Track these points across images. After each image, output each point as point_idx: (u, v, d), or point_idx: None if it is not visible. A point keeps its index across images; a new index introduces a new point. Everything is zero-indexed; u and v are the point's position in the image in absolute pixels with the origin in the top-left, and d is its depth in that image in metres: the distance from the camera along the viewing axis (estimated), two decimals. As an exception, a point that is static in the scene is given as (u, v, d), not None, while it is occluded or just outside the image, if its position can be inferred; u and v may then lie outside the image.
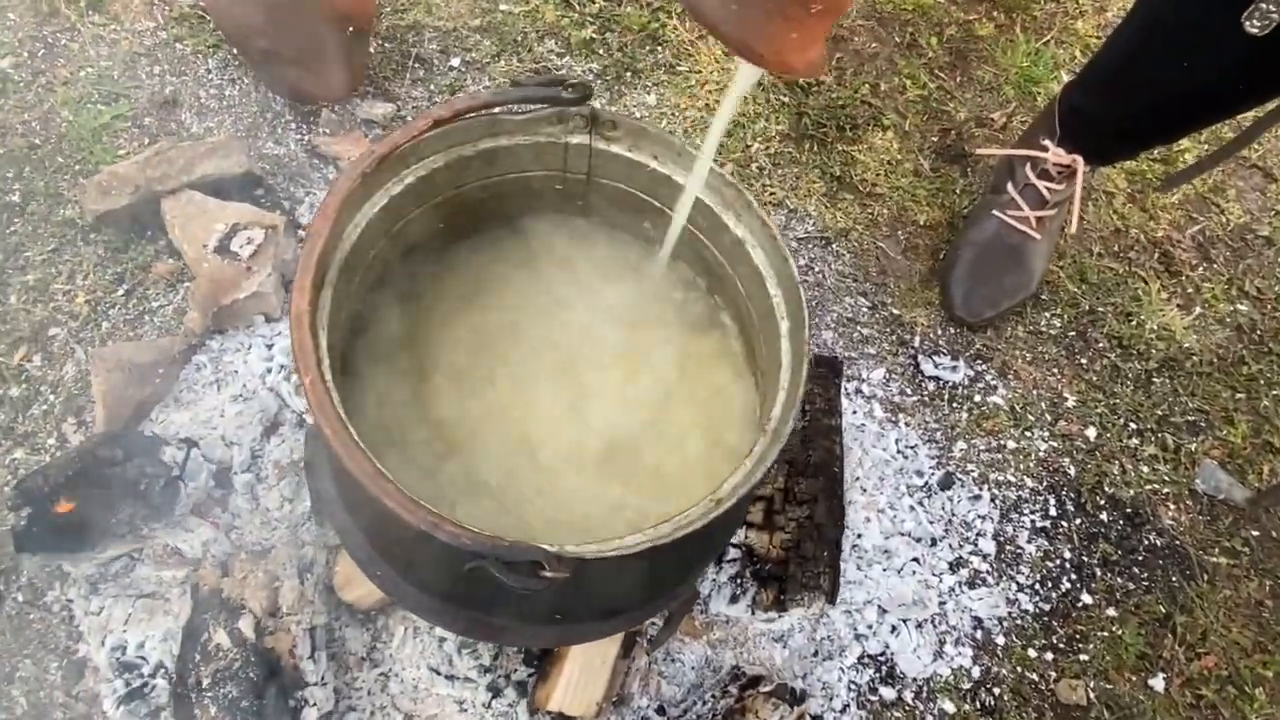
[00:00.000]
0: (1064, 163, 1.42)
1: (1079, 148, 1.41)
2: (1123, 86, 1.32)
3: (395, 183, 0.79)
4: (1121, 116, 1.34)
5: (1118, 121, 1.35)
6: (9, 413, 1.18)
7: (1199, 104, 1.23)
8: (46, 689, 1.04)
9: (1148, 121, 1.32)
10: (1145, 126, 1.34)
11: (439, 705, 1.05)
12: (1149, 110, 1.29)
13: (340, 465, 0.67)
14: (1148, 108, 1.29)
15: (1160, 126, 1.33)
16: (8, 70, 1.41)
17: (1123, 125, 1.35)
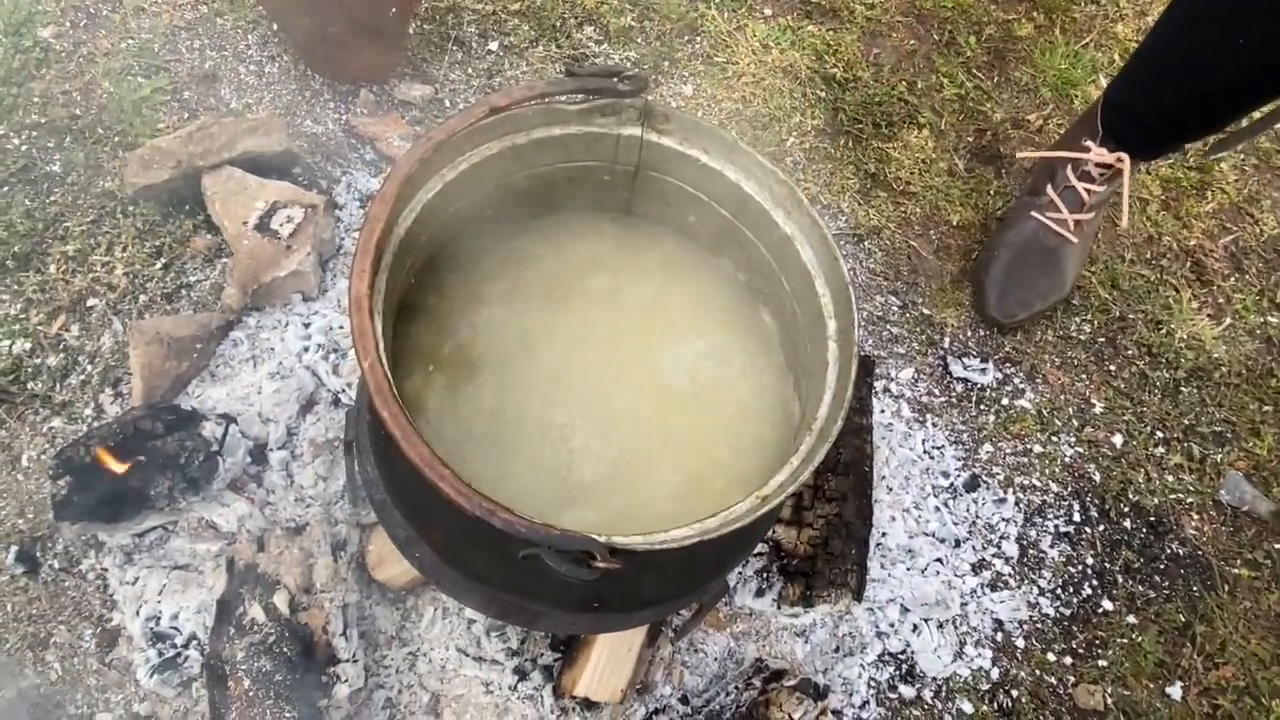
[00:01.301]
0: (1107, 162, 1.41)
1: (1124, 145, 1.40)
2: (1168, 76, 1.30)
3: (450, 169, 0.80)
4: (1168, 107, 1.32)
5: (1164, 113, 1.33)
6: (46, 381, 1.19)
7: (1246, 88, 1.20)
8: (80, 656, 1.06)
9: (1194, 110, 1.30)
10: (1192, 116, 1.31)
11: (465, 686, 1.06)
12: (1195, 99, 1.27)
13: (393, 448, 0.67)
14: (1194, 96, 1.27)
15: (1207, 114, 1.30)
16: (49, 40, 1.41)
17: (1170, 116, 1.33)
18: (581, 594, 0.80)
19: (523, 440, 0.87)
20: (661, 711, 1.09)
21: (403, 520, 0.86)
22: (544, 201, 0.92)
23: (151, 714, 1.03)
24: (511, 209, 0.89)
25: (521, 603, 0.82)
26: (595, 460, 0.85)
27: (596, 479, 0.87)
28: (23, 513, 1.11)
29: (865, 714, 1.18)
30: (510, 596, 0.82)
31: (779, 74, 1.64)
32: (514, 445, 0.87)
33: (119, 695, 1.04)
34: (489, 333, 0.90)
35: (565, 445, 0.88)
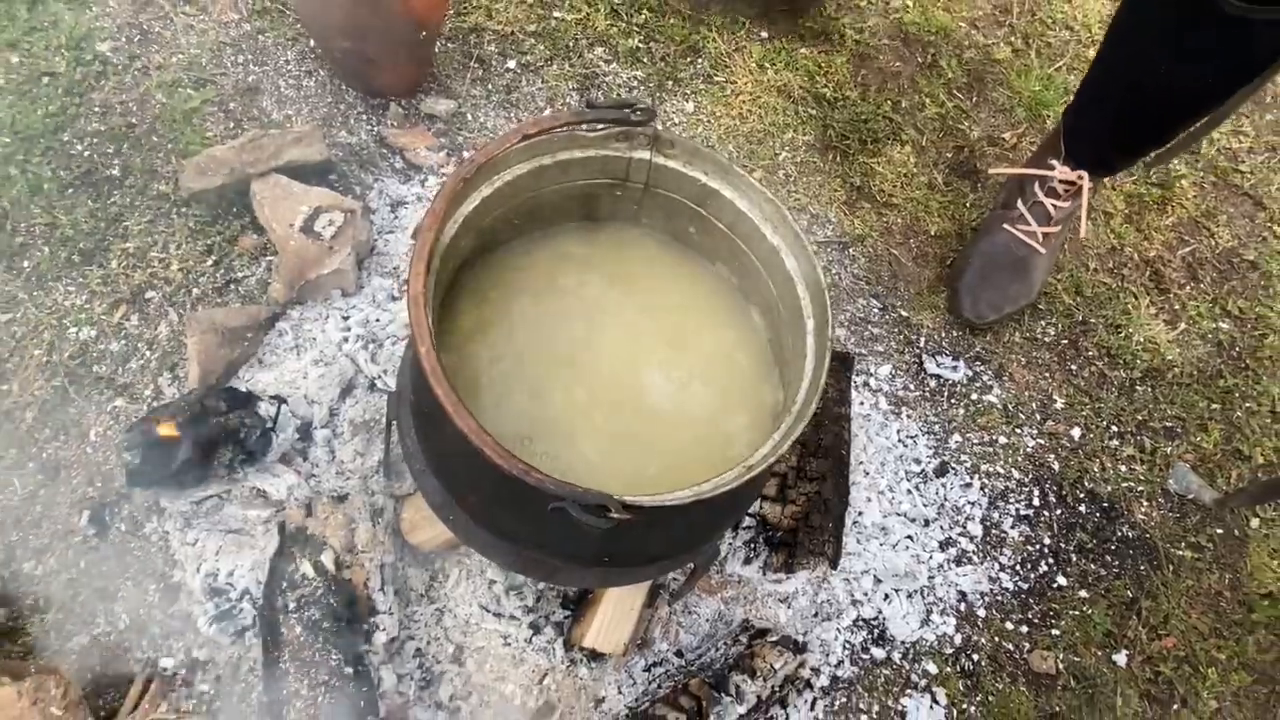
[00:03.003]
0: (1070, 179, 1.56)
1: (1083, 164, 1.54)
2: (1109, 101, 1.45)
3: (487, 186, 0.93)
4: (1116, 125, 1.47)
5: (1111, 134, 1.48)
6: (110, 366, 1.33)
7: (1185, 98, 1.33)
8: (145, 608, 1.19)
9: (1141, 125, 1.44)
10: (1135, 136, 1.46)
11: (486, 639, 1.20)
12: (1140, 113, 1.42)
13: (441, 422, 0.81)
14: (1138, 111, 1.41)
15: (1148, 134, 1.43)
16: (107, 54, 1.54)
17: (1116, 137, 1.48)
18: (594, 550, 0.94)
19: (544, 414, 1.00)
20: (659, 664, 1.23)
21: (439, 487, 0.99)
22: (565, 212, 1.05)
23: (210, 659, 1.17)
24: (537, 218, 1.03)
25: (543, 558, 0.96)
26: (605, 432, 0.99)
27: (608, 448, 1.00)
28: (92, 481, 1.25)
29: (840, 672, 1.32)
30: (533, 552, 0.96)
31: (774, 93, 1.78)
32: (539, 418, 1.00)
33: (180, 642, 1.18)
34: (517, 323, 1.03)
35: (583, 418, 1.01)
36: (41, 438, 1.26)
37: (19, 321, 1.33)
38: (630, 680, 1.22)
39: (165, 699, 1.15)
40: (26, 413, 1.27)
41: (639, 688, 1.21)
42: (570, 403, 1.00)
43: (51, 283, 1.36)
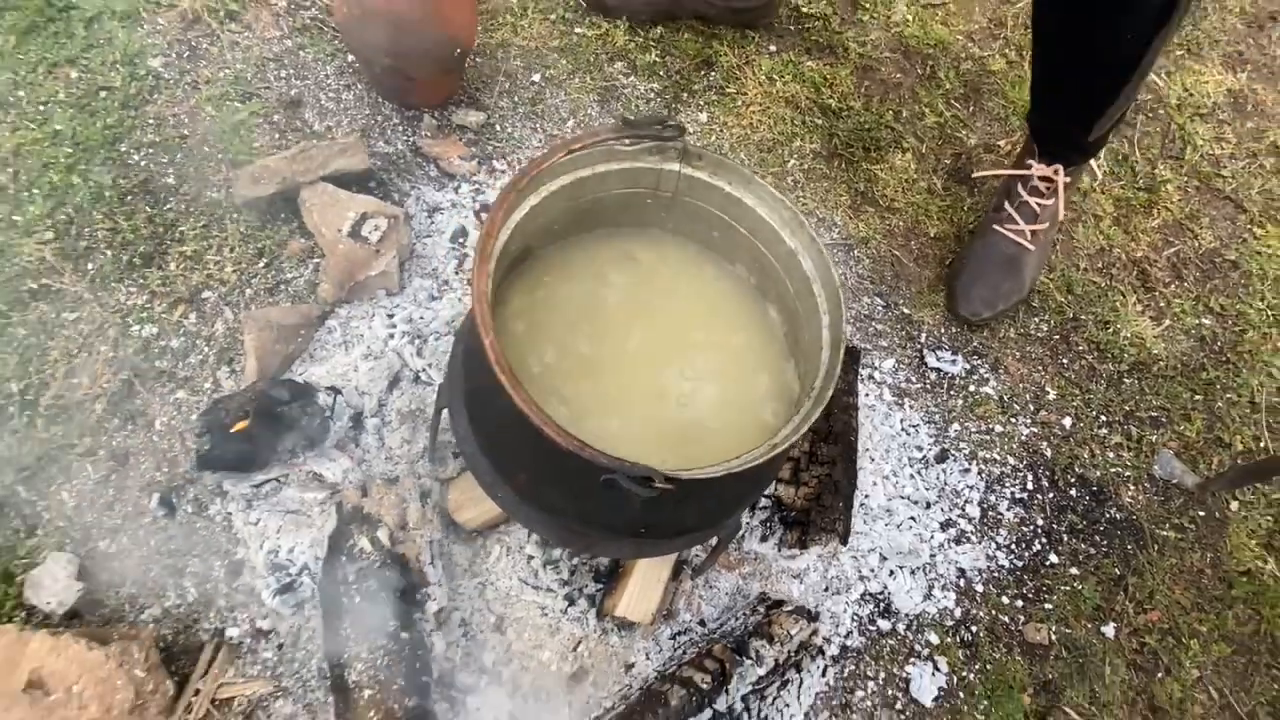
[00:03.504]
0: (1047, 175, 1.68)
1: (1057, 157, 1.66)
2: (1055, 80, 1.58)
3: (535, 195, 1.04)
4: (1068, 105, 1.59)
5: (1068, 111, 1.60)
6: (171, 361, 1.43)
7: (1113, 57, 1.44)
8: (212, 583, 1.30)
9: (1087, 95, 1.54)
10: (1088, 100, 1.55)
11: (525, 610, 1.31)
12: (1083, 85, 1.53)
13: (498, 407, 0.92)
14: (1081, 83, 1.53)
15: (1099, 93, 1.52)
16: (159, 69, 1.65)
17: (1073, 110, 1.59)
18: (631, 522, 1.05)
19: (584, 396, 1.11)
20: (684, 632, 1.34)
21: (489, 467, 1.10)
22: (602, 218, 1.16)
23: (273, 628, 1.27)
24: (577, 224, 1.14)
25: (584, 530, 1.07)
26: (639, 414, 1.10)
27: (641, 428, 1.11)
28: (159, 467, 1.35)
29: (849, 642, 1.43)
30: (575, 525, 1.07)
31: (782, 103, 1.88)
32: (580, 400, 1.10)
33: (245, 614, 1.28)
34: (560, 315, 1.14)
35: (619, 400, 1.11)
36: (111, 427, 1.37)
37: (86, 320, 1.43)
38: (657, 647, 1.32)
39: (232, 665, 1.26)
40: (97, 404, 1.38)
41: (665, 654, 1.32)
42: (607, 388, 1.10)
43: (115, 284, 1.46)
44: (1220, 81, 2.16)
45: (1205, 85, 2.14)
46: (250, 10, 1.73)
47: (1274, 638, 1.59)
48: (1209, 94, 2.13)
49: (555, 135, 1.75)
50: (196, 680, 1.23)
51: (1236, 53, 2.23)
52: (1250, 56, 2.24)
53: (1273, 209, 2.03)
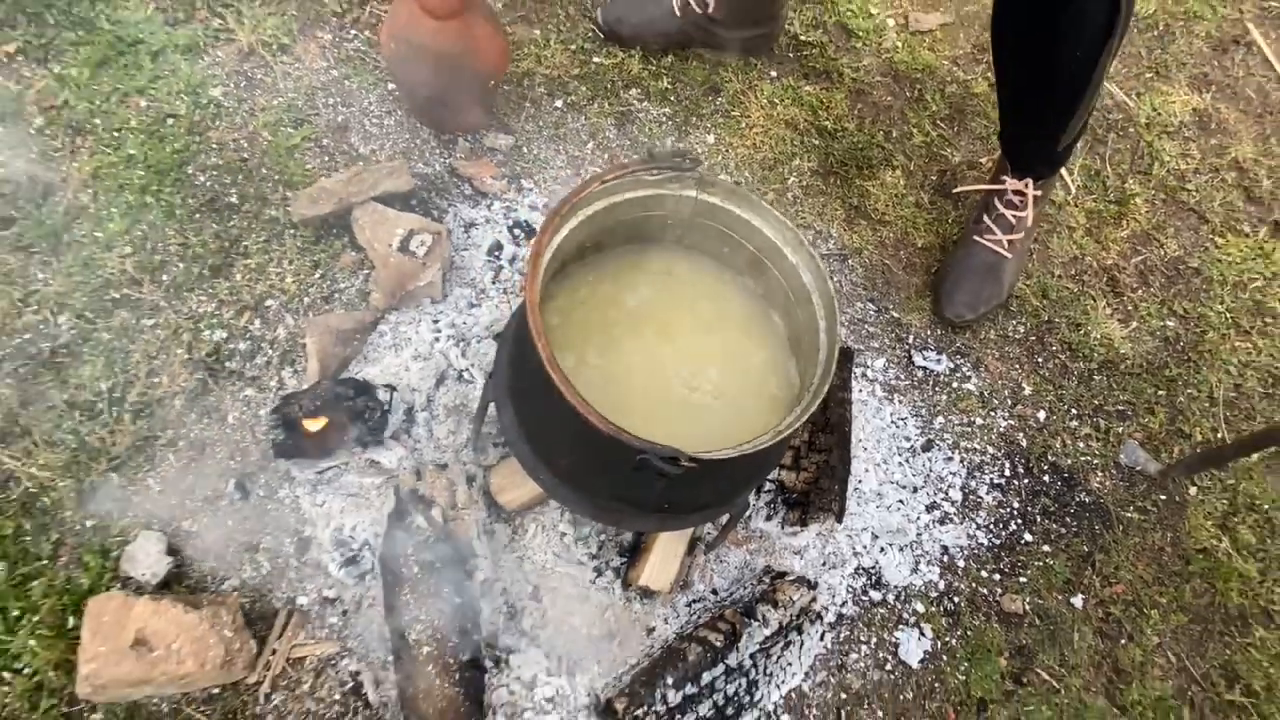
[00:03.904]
0: (1021, 189, 1.86)
1: (1028, 171, 1.84)
2: (1017, 101, 1.76)
3: (573, 218, 1.21)
4: (1032, 121, 1.77)
5: (1034, 128, 1.78)
6: (239, 362, 1.60)
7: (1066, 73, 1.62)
8: (283, 557, 1.47)
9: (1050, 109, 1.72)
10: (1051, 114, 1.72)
11: (558, 581, 1.48)
12: (1043, 101, 1.71)
13: (544, 400, 1.09)
14: (1041, 100, 1.71)
15: (1059, 107, 1.70)
16: (219, 98, 1.82)
17: (1037, 126, 1.77)
18: (656, 499, 1.22)
19: (614, 389, 1.28)
20: (698, 600, 1.51)
21: (532, 453, 1.27)
22: (628, 236, 1.33)
23: (338, 597, 1.44)
24: (607, 240, 1.31)
25: (615, 507, 1.24)
26: (661, 404, 1.27)
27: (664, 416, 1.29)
28: (233, 456, 1.52)
29: (845, 611, 1.60)
30: (607, 502, 1.24)
31: (782, 125, 2.06)
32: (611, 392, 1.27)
33: (312, 584, 1.45)
34: (594, 319, 1.31)
35: (644, 393, 1.29)
36: (189, 421, 1.54)
37: (163, 326, 1.60)
38: (675, 613, 1.50)
39: (303, 629, 1.43)
40: (175, 401, 1.55)
41: (682, 619, 1.49)
42: (632, 382, 1.28)
43: (187, 293, 1.63)
44: (1186, 101, 2.34)
45: (1172, 105, 2.32)
46: (300, 44, 1.91)
47: (1227, 608, 1.77)
48: (1176, 113, 2.31)
49: (577, 156, 1.93)
50: (273, 641, 1.40)
51: (1202, 74, 2.41)
52: (1214, 78, 2.42)
53: (1233, 220, 2.21)
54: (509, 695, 1.41)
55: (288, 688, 1.39)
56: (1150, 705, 1.66)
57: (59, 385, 1.52)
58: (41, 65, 1.78)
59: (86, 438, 1.49)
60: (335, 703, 1.39)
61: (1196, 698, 1.69)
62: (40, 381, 1.51)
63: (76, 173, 1.69)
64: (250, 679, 1.38)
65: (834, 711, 1.53)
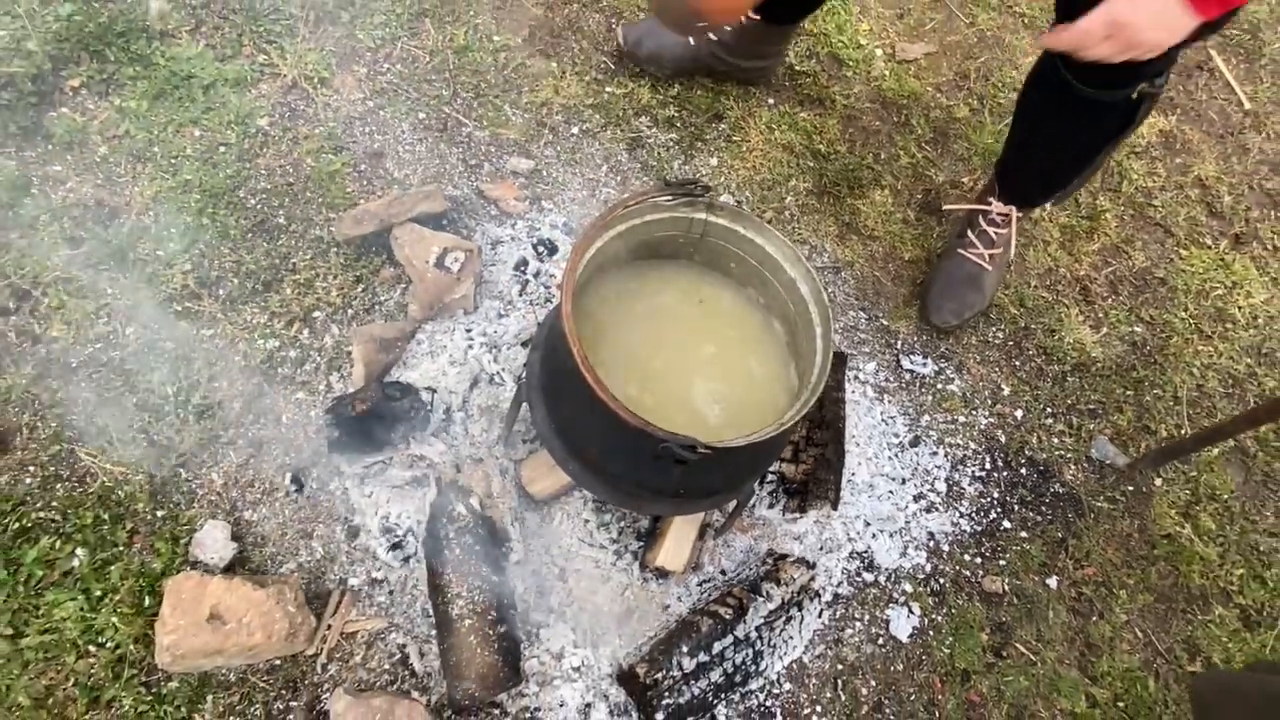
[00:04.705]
0: (1004, 212, 2.03)
1: (1013, 201, 2.02)
2: (1025, 157, 1.94)
3: (599, 239, 1.38)
4: (1031, 176, 1.95)
5: (1030, 180, 1.96)
6: (290, 368, 1.77)
7: (1072, 153, 1.82)
8: (335, 542, 1.63)
9: (1048, 175, 1.93)
10: (1048, 179, 1.94)
11: (582, 563, 1.64)
12: (1045, 167, 1.91)
13: (576, 398, 1.25)
14: (1044, 165, 1.90)
15: (1057, 176, 1.92)
16: (266, 127, 1.99)
17: (1033, 181, 1.96)
18: (674, 485, 1.38)
19: (635, 386, 1.44)
20: (708, 580, 1.67)
21: (562, 446, 1.43)
22: (646, 253, 1.50)
23: (384, 578, 1.61)
24: (627, 257, 1.48)
25: (638, 492, 1.40)
26: (676, 399, 1.44)
27: (678, 409, 1.45)
28: (288, 452, 1.69)
29: (840, 590, 1.77)
30: (630, 489, 1.40)
31: (780, 149, 2.24)
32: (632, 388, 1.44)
33: (362, 567, 1.61)
34: (616, 325, 1.48)
35: (662, 389, 1.45)
36: (247, 421, 1.70)
37: (221, 336, 1.77)
38: (688, 592, 1.66)
39: (354, 607, 1.59)
40: (235, 403, 1.71)
41: (694, 596, 1.66)
42: (650, 381, 1.45)
43: (241, 306, 1.80)
44: (1153, 123, 2.52)
45: (1140, 127, 2.50)
46: (338, 77, 2.08)
47: (1189, 589, 1.94)
48: (1143, 134, 2.50)
49: (592, 178, 2.10)
50: (328, 618, 1.56)
51: (1168, 98, 2.60)
52: (1180, 101, 2.61)
53: (1196, 233, 2.39)
54: (540, 665, 1.57)
55: (341, 659, 1.55)
56: (1119, 676, 1.83)
57: (130, 389, 1.68)
58: (103, 99, 1.95)
59: (155, 437, 1.65)
60: (385, 672, 1.55)
61: (1161, 669, 1.86)
62: (113, 386, 1.68)
63: (138, 197, 1.85)
64: (308, 651, 1.54)
65: (831, 681, 1.70)
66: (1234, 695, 1.43)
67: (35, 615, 1.48)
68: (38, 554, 1.51)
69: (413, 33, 2.16)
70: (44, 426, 1.62)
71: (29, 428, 1.62)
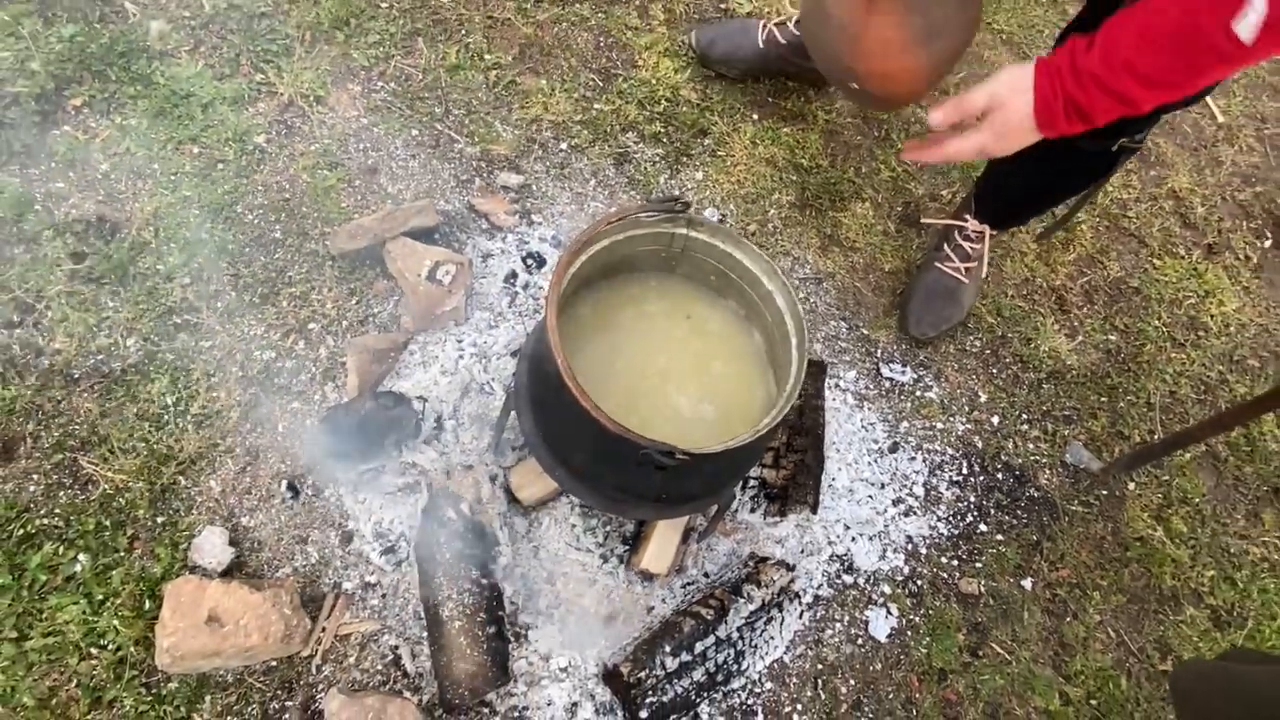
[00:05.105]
0: (980, 229, 2.09)
1: (987, 221, 2.08)
2: (1003, 186, 1.99)
3: (584, 253, 1.44)
4: (1007, 203, 2.01)
5: (1005, 206, 2.02)
6: (286, 378, 1.82)
7: (1049, 191, 1.90)
8: (330, 548, 1.68)
9: (1023, 205, 2.00)
10: (1023, 208, 2.01)
11: (569, 567, 1.70)
12: (1022, 198, 1.97)
13: (562, 407, 1.31)
14: (1021, 196, 1.96)
15: (1031, 207, 2.00)
16: (263, 144, 2.05)
17: (1009, 207, 2.02)
18: (655, 490, 1.44)
19: (615, 397, 1.50)
20: (692, 583, 1.73)
21: (548, 453, 1.49)
22: (629, 266, 1.56)
23: (377, 582, 1.66)
24: (610, 272, 1.54)
25: (621, 497, 1.46)
26: (658, 406, 1.50)
27: (661, 417, 1.51)
28: (284, 460, 1.74)
29: (820, 592, 1.82)
30: (614, 494, 1.46)
31: (763, 163, 2.30)
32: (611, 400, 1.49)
33: (356, 571, 1.67)
34: (597, 337, 1.54)
35: (642, 400, 1.51)
36: (244, 430, 1.76)
37: (219, 347, 1.82)
38: (671, 594, 1.72)
39: (348, 610, 1.64)
40: (232, 412, 1.76)
41: (678, 599, 1.71)
42: (633, 391, 1.50)
43: (239, 318, 1.85)
44: (1128, 137, 2.59)
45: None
46: (333, 95, 2.14)
47: (1161, 590, 2.00)
48: (1118, 148, 2.56)
49: (581, 193, 2.16)
50: (323, 620, 1.62)
51: (1142, 112, 2.66)
52: (1154, 115, 2.68)
53: (1170, 244, 2.46)
54: (528, 666, 1.62)
55: (336, 660, 1.60)
56: (1092, 675, 1.88)
57: (130, 399, 1.73)
58: (105, 117, 2.00)
59: (155, 445, 1.70)
60: (378, 673, 1.60)
61: (1134, 668, 1.91)
62: (114, 396, 1.73)
63: (139, 212, 1.91)
64: (304, 653, 1.59)
65: (811, 680, 1.75)
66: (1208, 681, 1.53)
67: (39, 619, 1.53)
68: (41, 559, 1.56)
69: (406, 51, 2.22)
70: (47, 435, 1.67)
71: (33, 437, 1.67)
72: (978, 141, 1.34)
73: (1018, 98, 1.25)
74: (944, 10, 1.18)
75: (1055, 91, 1.22)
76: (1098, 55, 1.17)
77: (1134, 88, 1.16)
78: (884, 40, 1.24)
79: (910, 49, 1.26)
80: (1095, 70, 1.16)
